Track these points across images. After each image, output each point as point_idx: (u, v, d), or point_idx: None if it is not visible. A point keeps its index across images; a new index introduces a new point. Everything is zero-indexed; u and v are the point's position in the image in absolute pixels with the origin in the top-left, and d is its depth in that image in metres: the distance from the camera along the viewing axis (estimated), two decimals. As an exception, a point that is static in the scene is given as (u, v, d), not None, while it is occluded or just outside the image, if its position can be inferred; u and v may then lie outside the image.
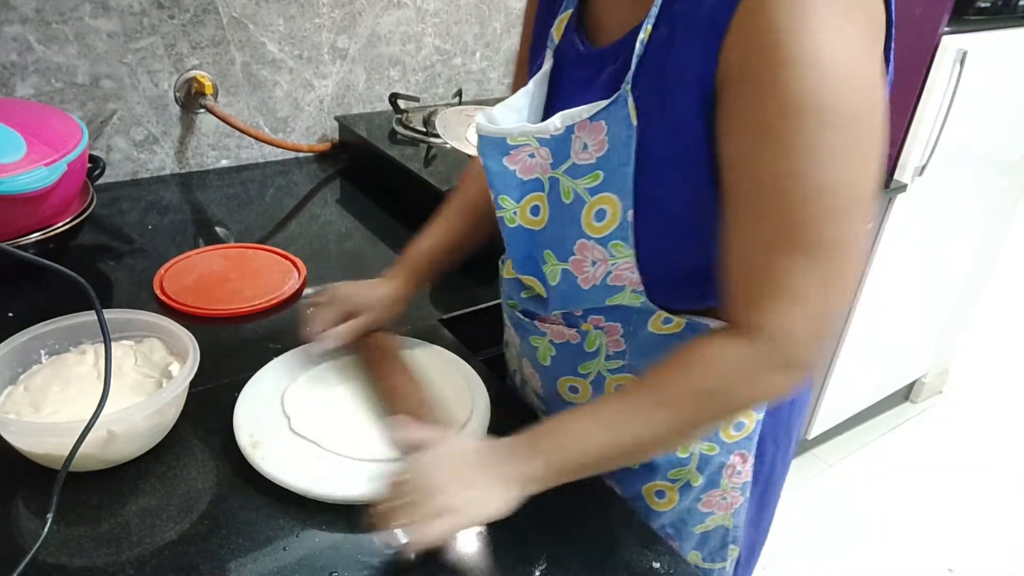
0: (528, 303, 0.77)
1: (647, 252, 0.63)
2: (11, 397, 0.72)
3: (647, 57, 0.58)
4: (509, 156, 0.68)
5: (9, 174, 0.88)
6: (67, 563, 0.61)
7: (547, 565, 0.65)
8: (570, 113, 0.62)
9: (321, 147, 1.47)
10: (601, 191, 0.62)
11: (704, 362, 0.58)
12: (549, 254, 0.70)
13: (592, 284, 0.68)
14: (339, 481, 0.68)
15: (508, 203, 0.70)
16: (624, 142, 0.59)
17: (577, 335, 0.74)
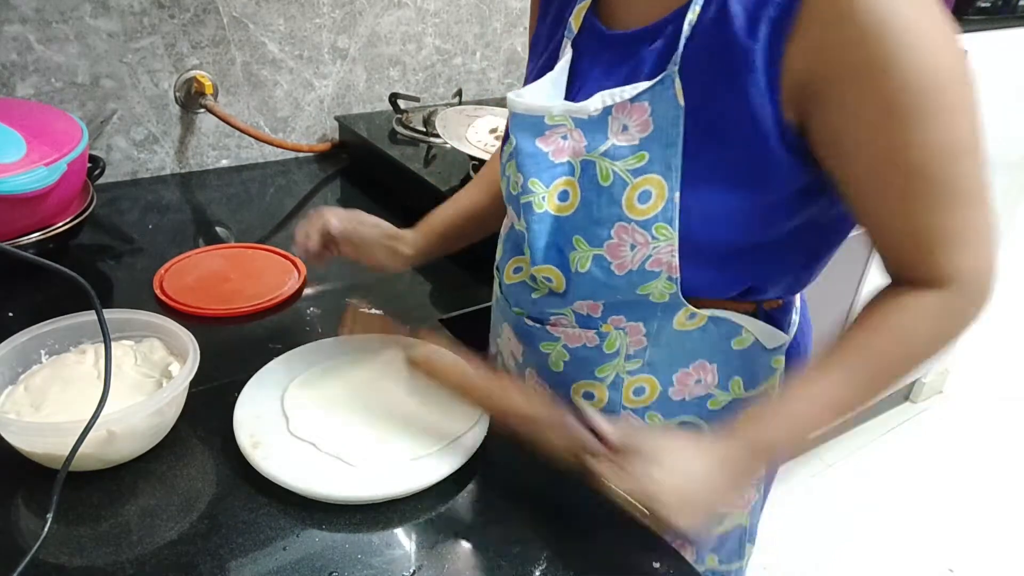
0: (540, 304, 0.74)
1: (689, 233, 0.62)
2: (11, 397, 0.72)
3: (695, 38, 0.58)
4: (543, 137, 0.67)
5: (9, 174, 0.88)
6: (67, 563, 0.61)
7: (547, 565, 0.65)
8: (611, 93, 0.62)
9: (321, 147, 1.47)
10: (646, 172, 0.62)
11: (910, 325, 0.60)
12: (579, 240, 0.67)
13: (628, 270, 0.66)
14: (339, 481, 0.68)
15: (538, 187, 0.68)
16: (672, 122, 0.60)
17: (596, 337, 0.72)
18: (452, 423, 0.76)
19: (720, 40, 0.57)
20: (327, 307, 0.99)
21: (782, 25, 0.54)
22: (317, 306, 0.99)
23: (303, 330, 0.94)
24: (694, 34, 0.59)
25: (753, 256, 0.65)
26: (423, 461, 0.71)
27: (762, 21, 0.54)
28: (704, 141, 0.60)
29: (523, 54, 1.69)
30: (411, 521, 0.68)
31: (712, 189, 0.60)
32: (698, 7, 0.58)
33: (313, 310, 0.98)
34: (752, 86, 0.56)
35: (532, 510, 0.70)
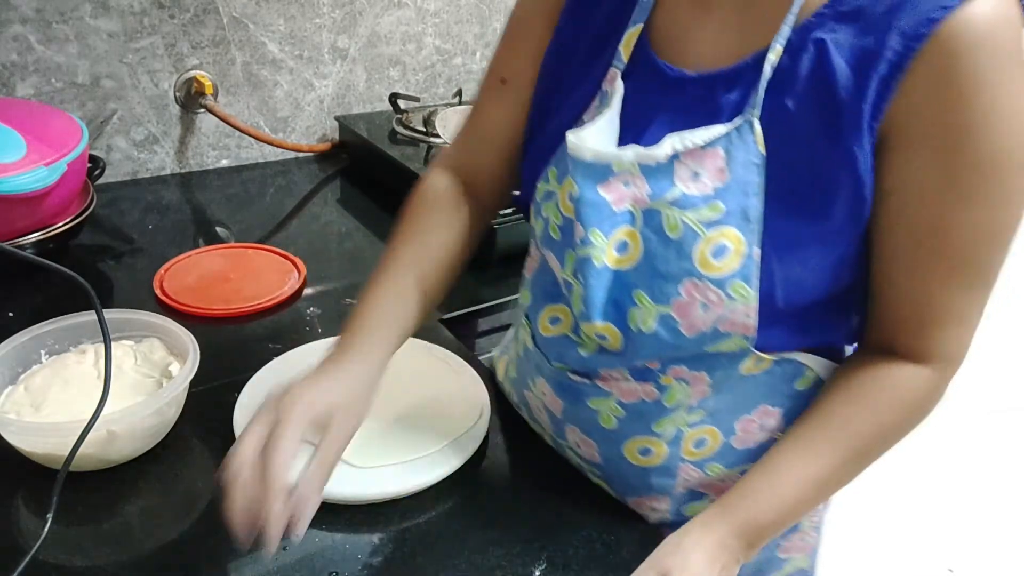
0: (591, 361, 0.66)
1: (769, 292, 0.57)
2: (11, 397, 0.72)
3: (779, 84, 0.55)
4: (606, 184, 0.60)
5: (9, 174, 0.88)
6: (67, 563, 0.61)
7: (547, 565, 0.65)
8: (680, 137, 0.57)
9: (321, 147, 1.47)
10: (721, 225, 0.56)
11: (893, 398, 0.60)
12: (642, 296, 0.60)
13: (698, 331, 0.59)
14: (339, 481, 0.68)
15: (599, 239, 0.61)
16: (752, 172, 0.56)
17: (655, 390, 0.65)
18: (452, 423, 0.76)
19: (818, 92, 0.54)
20: (327, 307, 0.99)
21: (889, 83, 0.51)
22: (317, 306, 0.99)
23: (303, 330, 0.94)
24: (782, 83, 0.55)
25: (828, 307, 0.61)
26: (423, 461, 0.71)
27: (872, 78, 0.52)
28: (790, 194, 0.55)
29: (523, 54, 1.69)
30: (411, 521, 0.68)
31: (797, 245, 0.56)
32: (779, 46, 0.55)
33: (313, 310, 0.98)
34: (857, 145, 0.53)
35: (532, 510, 0.70)
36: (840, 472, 0.60)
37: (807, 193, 0.55)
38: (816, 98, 0.54)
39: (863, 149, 0.53)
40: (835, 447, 0.60)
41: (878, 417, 0.60)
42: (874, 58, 0.52)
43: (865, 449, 0.60)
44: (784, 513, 0.60)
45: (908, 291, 0.57)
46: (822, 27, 0.54)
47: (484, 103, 0.76)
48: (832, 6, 0.54)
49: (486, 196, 0.78)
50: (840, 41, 0.53)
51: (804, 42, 0.54)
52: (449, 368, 0.84)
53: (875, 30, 0.52)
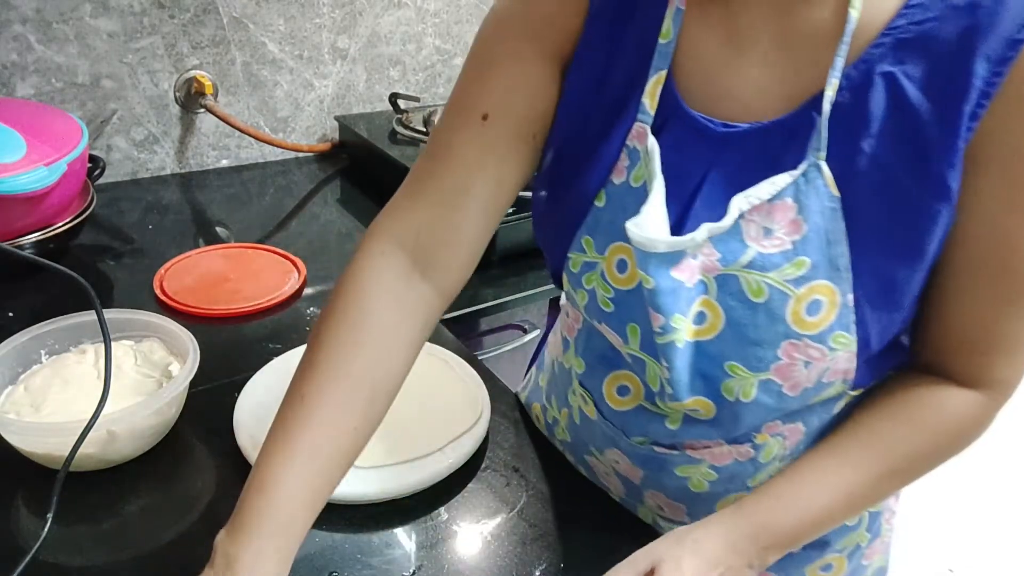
0: (678, 433, 0.63)
1: (866, 334, 0.55)
2: (11, 397, 0.72)
3: (850, 127, 0.51)
4: (678, 266, 0.54)
5: (9, 174, 0.88)
6: (67, 563, 0.61)
7: (547, 565, 0.65)
8: (747, 196, 0.52)
9: (321, 147, 1.47)
10: (810, 280, 0.52)
11: (939, 421, 0.57)
12: (736, 367, 0.56)
13: (802, 388, 0.57)
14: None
15: (681, 322, 0.55)
16: (829, 217, 0.51)
17: (751, 450, 0.62)
18: (452, 423, 0.76)
19: (898, 129, 0.50)
20: (327, 307, 0.99)
21: (978, 110, 0.49)
22: (317, 306, 0.99)
23: (303, 330, 0.94)
24: (844, 120, 0.51)
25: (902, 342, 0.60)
26: (423, 461, 0.71)
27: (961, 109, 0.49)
28: (878, 236, 0.52)
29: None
30: (411, 521, 0.68)
31: (892, 286, 0.53)
32: (836, 81, 0.50)
33: (313, 310, 0.98)
34: (951, 175, 0.50)
35: (532, 510, 0.70)
36: (873, 487, 0.57)
37: (899, 234, 0.52)
38: (896, 135, 0.50)
39: (956, 178, 0.50)
40: (870, 461, 0.57)
41: (919, 437, 0.57)
42: (960, 87, 0.48)
43: (901, 468, 0.58)
44: (808, 521, 0.56)
45: (965, 314, 0.55)
46: (885, 59, 0.50)
47: (458, 145, 0.60)
48: (891, 34, 0.50)
49: (448, 273, 0.61)
50: (911, 73, 0.49)
51: (868, 77, 0.50)
52: (449, 368, 0.84)
53: (952, 57, 0.48)
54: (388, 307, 0.58)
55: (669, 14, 0.55)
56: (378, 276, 0.58)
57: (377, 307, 0.57)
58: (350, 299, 0.57)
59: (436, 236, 0.60)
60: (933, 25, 0.49)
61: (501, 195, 0.61)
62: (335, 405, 0.55)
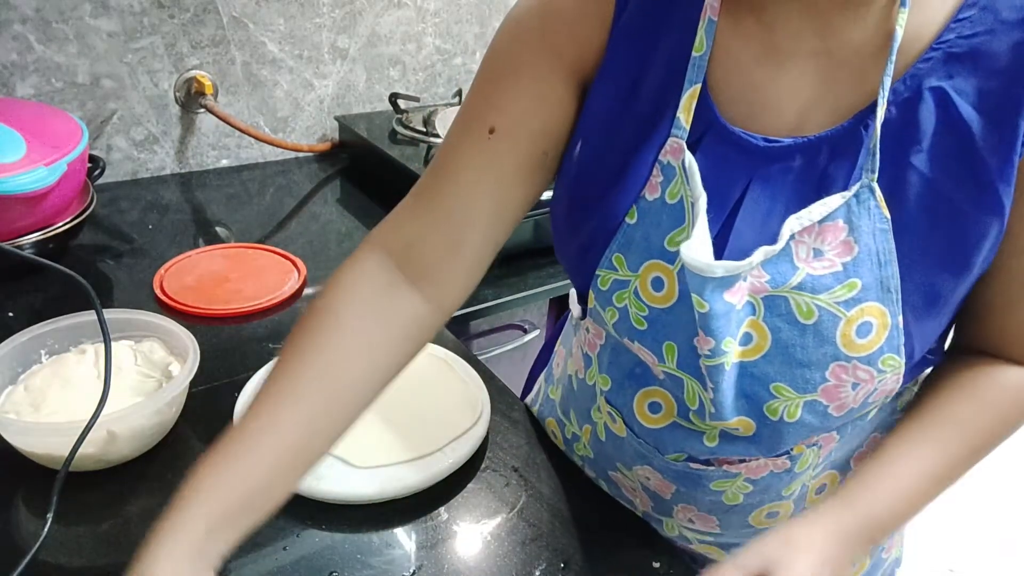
0: (715, 450, 0.62)
1: (912, 353, 0.54)
2: (11, 397, 0.72)
3: (895, 139, 0.50)
4: (731, 289, 0.53)
5: (9, 174, 0.88)
6: (67, 563, 0.61)
7: (547, 565, 0.65)
8: (798, 218, 0.51)
9: (321, 147, 1.47)
10: (861, 302, 0.52)
11: (1012, 399, 0.59)
12: (781, 388, 0.56)
13: (848, 409, 0.57)
14: (339, 481, 0.68)
15: (731, 344, 0.54)
16: (881, 239, 0.51)
17: (787, 462, 0.62)
18: (452, 423, 0.76)
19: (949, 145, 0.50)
20: (327, 307, 0.99)
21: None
22: (317, 306, 0.99)
23: (303, 330, 0.94)
24: (894, 136, 0.50)
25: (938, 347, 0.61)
26: (423, 461, 0.71)
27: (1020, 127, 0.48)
28: (925, 253, 0.51)
29: (523, 54, 1.70)
30: (411, 521, 0.68)
31: (935, 302, 0.53)
32: (884, 102, 0.49)
33: (313, 310, 0.98)
34: (1004, 189, 0.50)
35: (532, 510, 0.70)
36: (955, 467, 0.58)
37: (946, 248, 0.51)
38: (947, 151, 0.50)
39: (1009, 193, 0.50)
40: (949, 442, 0.58)
41: (989, 413, 0.59)
42: (1014, 102, 0.48)
43: (976, 445, 0.59)
44: (904, 509, 0.57)
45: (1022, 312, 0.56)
46: (934, 74, 0.49)
47: (461, 158, 0.59)
48: (940, 48, 0.49)
49: (442, 287, 0.60)
50: (962, 88, 0.49)
51: (918, 93, 0.50)
52: (449, 368, 0.84)
53: (1005, 73, 0.48)
54: (358, 314, 0.56)
55: (702, 26, 0.53)
56: (356, 283, 0.58)
57: (346, 313, 0.56)
58: (322, 303, 0.56)
59: (429, 249, 0.59)
60: (984, 39, 0.48)
61: (506, 212, 0.60)
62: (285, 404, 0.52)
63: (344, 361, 0.55)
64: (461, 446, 0.73)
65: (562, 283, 1.10)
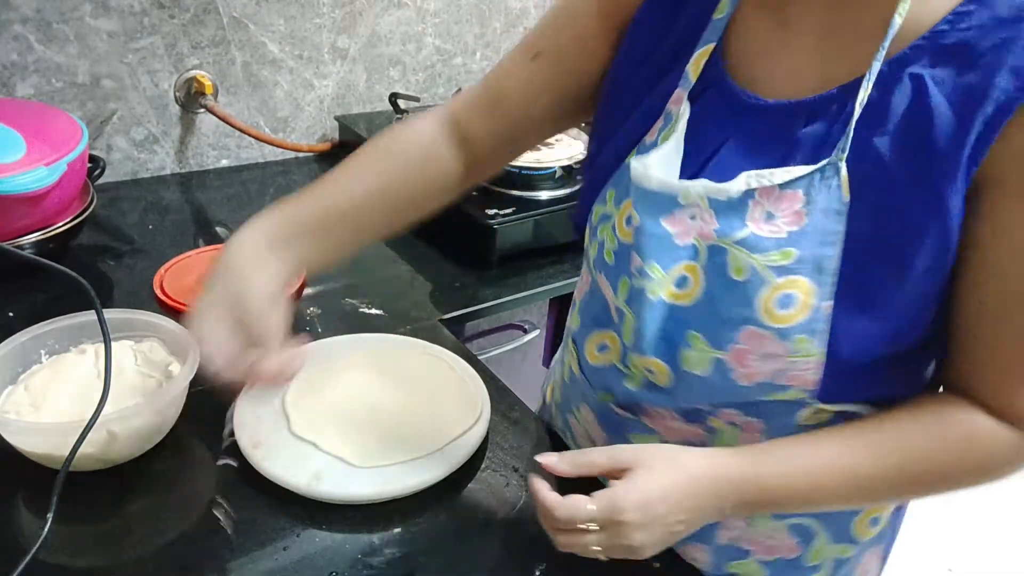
0: (636, 395, 0.64)
1: (837, 349, 0.53)
2: (11, 397, 0.72)
3: (868, 122, 0.51)
4: (671, 216, 0.57)
5: (9, 174, 0.88)
6: (67, 563, 0.61)
7: (547, 565, 0.65)
8: (759, 174, 0.53)
9: (321, 147, 1.47)
10: (792, 273, 0.52)
11: (965, 444, 0.55)
12: (696, 337, 0.57)
13: (754, 381, 0.56)
14: (339, 481, 0.68)
15: (657, 272, 0.57)
16: (832, 219, 0.51)
17: (702, 432, 0.63)
18: (452, 423, 0.76)
19: (913, 133, 0.50)
20: (327, 307, 0.99)
21: (994, 125, 0.47)
22: (317, 306, 0.99)
23: (303, 330, 0.94)
24: (871, 120, 0.51)
25: (899, 361, 0.56)
26: (423, 461, 0.71)
27: (975, 120, 0.48)
28: (871, 243, 0.51)
29: (523, 54, 1.69)
30: (411, 521, 0.68)
31: (872, 299, 0.52)
32: (870, 84, 0.50)
33: (313, 310, 0.98)
34: (951, 192, 0.49)
35: (532, 510, 0.70)
36: (877, 483, 0.55)
37: (889, 242, 0.51)
38: (909, 139, 0.50)
39: (956, 197, 0.49)
40: (884, 456, 0.55)
41: (943, 451, 0.55)
42: (979, 97, 0.47)
43: (915, 474, 0.55)
44: (799, 493, 0.55)
45: (994, 349, 0.53)
46: (919, 61, 0.50)
47: (508, 69, 0.71)
48: (932, 38, 0.50)
49: (479, 159, 0.73)
50: (940, 78, 0.49)
51: (898, 76, 0.50)
52: (449, 368, 0.84)
53: (982, 67, 0.48)
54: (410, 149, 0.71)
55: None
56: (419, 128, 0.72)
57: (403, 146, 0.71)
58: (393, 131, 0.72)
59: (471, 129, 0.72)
60: (974, 34, 0.48)
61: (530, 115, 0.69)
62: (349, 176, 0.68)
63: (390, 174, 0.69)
64: (461, 446, 0.73)
65: (562, 283, 1.11)
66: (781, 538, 0.67)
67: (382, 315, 0.98)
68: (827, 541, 0.67)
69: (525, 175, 1.18)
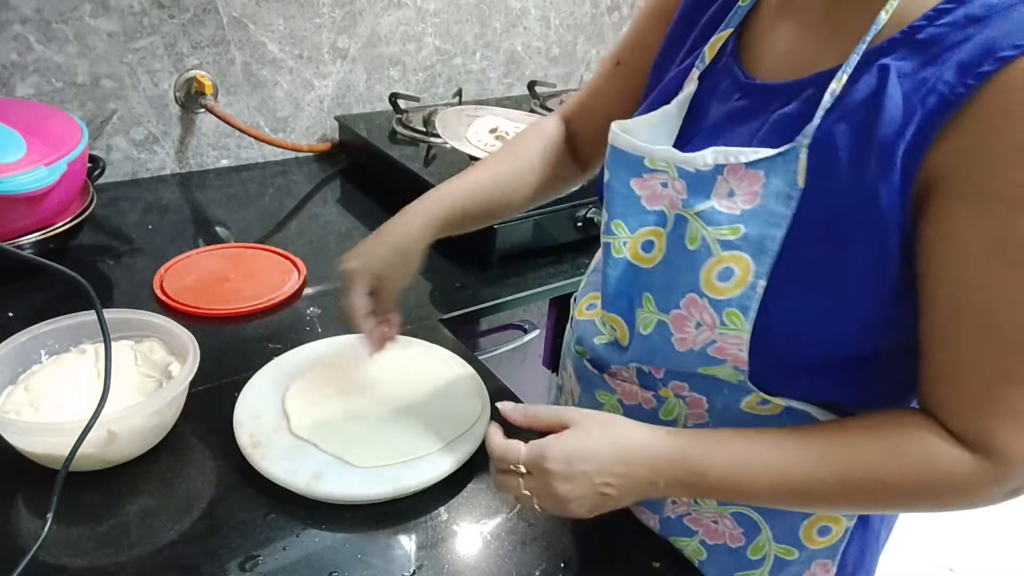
0: (603, 351, 0.67)
1: (767, 331, 0.54)
2: (11, 397, 0.72)
3: (837, 112, 0.51)
4: (640, 179, 0.60)
5: (9, 174, 0.88)
6: (67, 563, 0.61)
7: (547, 565, 0.65)
8: (726, 151, 0.55)
9: (321, 147, 1.47)
10: (735, 248, 0.54)
11: (918, 460, 0.52)
12: (649, 299, 0.60)
13: (688, 348, 0.58)
14: (339, 481, 0.68)
15: (622, 231, 0.61)
16: (782, 202, 0.52)
17: (653, 399, 0.66)
18: (452, 423, 0.76)
19: (866, 121, 0.49)
20: (327, 307, 0.99)
21: (936, 119, 0.46)
22: (317, 306, 0.99)
23: (303, 330, 0.94)
24: (836, 108, 0.51)
25: (841, 372, 0.56)
26: (423, 461, 0.71)
27: (916, 112, 0.47)
28: (811, 233, 0.51)
29: (523, 54, 1.69)
30: (411, 521, 0.68)
31: (806, 288, 0.52)
32: (845, 76, 0.51)
33: (313, 310, 0.98)
34: (883, 182, 0.48)
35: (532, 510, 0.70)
36: (818, 487, 0.53)
37: (831, 228, 0.51)
38: (861, 127, 0.50)
39: (890, 190, 0.48)
40: (827, 461, 0.53)
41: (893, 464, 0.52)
42: (926, 90, 0.47)
43: (860, 485, 0.53)
44: (731, 481, 0.54)
45: (948, 366, 0.51)
46: (890, 53, 0.50)
47: (597, 78, 0.81)
48: (909, 32, 0.50)
49: (582, 156, 0.84)
50: (904, 71, 0.49)
51: (867, 66, 0.51)
52: (449, 368, 0.84)
53: (938, 61, 0.47)
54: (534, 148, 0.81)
55: None
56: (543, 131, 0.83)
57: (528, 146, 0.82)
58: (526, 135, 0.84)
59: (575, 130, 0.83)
60: (945, 31, 0.48)
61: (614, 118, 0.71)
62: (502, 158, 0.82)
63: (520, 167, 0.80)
64: (461, 446, 0.73)
65: (562, 283, 1.11)
66: (726, 524, 0.68)
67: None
68: (771, 538, 0.67)
69: (525, 175, 1.18)
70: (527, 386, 1.23)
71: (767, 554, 0.68)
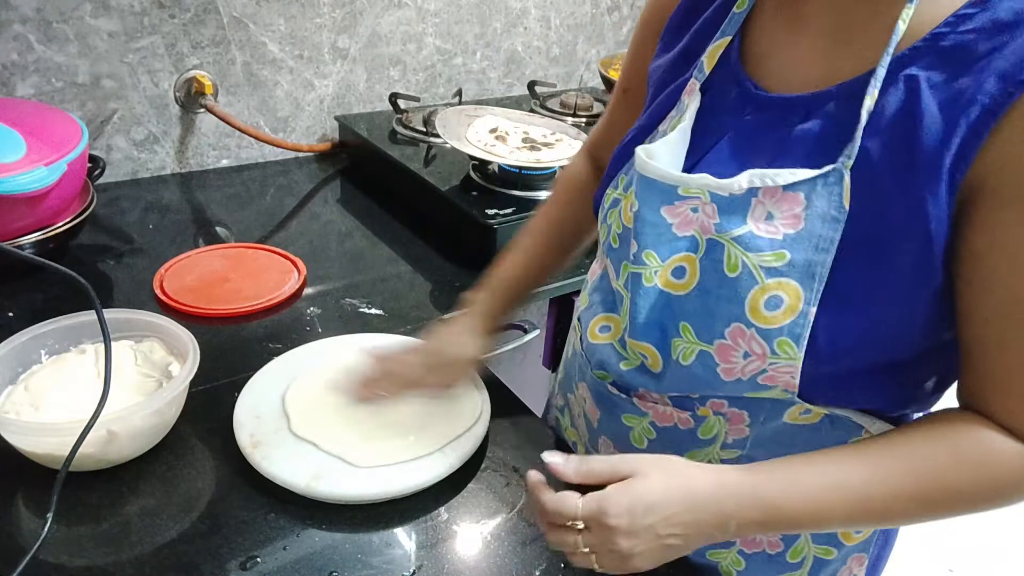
0: (630, 377, 0.64)
1: (814, 352, 0.53)
2: (11, 397, 0.72)
3: (872, 129, 0.50)
4: (671, 207, 0.58)
5: (9, 174, 0.88)
6: (67, 563, 0.61)
7: (547, 565, 0.65)
8: (762, 174, 0.53)
9: (321, 147, 1.47)
10: (781, 276, 0.52)
11: (986, 462, 0.52)
12: (687, 328, 0.58)
13: (736, 377, 0.56)
14: (339, 481, 0.68)
15: (653, 260, 0.59)
16: (829, 225, 0.51)
17: (690, 420, 0.63)
18: (452, 423, 0.76)
19: (903, 135, 0.49)
20: (327, 307, 0.99)
21: (980, 129, 0.46)
22: (317, 306, 0.99)
23: (303, 330, 0.94)
24: (869, 123, 0.50)
25: (881, 378, 0.56)
26: (423, 461, 0.71)
27: (959, 124, 0.47)
28: (859, 253, 0.51)
29: (523, 54, 1.69)
30: (411, 521, 0.68)
31: (852, 306, 0.51)
32: (875, 91, 0.50)
33: (313, 310, 0.98)
34: (930, 194, 0.48)
35: (532, 510, 0.70)
36: (894, 505, 0.53)
37: (876, 245, 0.50)
38: (899, 141, 0.49)
39: (937, 201, 0.48)
40: (898, 477, 0.52)
41: (959, 469, 0.52)
42: (965, 101, 0.47)
43: (933, 496, 0.53)
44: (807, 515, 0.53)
45: (999, 365, 0.51)
46: (917, 63, 0.49)
47: (611, 107, 0.81)
48: (932, 40, 0.49)
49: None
50: (935, 81, 0.48)
51: (893, 77, 0.50)
52: (449, 368, 0.84)
53: (974, 70, 0.47)
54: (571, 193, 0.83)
55: None
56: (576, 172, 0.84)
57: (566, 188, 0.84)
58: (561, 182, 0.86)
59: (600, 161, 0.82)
60: (972, 37, 0.48)
61: None
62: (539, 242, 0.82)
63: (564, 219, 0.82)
64: (461, 446, 0.73)
65: (562, 283, 1.10)
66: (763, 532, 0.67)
67: (382, 315, 0.98)
68: (810, 540, 0.67)
69: (525, 175, 1.18)
70: (527, 386, 1.23)
71: (806, 556, 0.68)
